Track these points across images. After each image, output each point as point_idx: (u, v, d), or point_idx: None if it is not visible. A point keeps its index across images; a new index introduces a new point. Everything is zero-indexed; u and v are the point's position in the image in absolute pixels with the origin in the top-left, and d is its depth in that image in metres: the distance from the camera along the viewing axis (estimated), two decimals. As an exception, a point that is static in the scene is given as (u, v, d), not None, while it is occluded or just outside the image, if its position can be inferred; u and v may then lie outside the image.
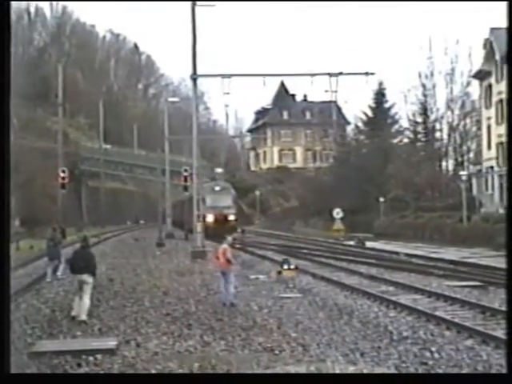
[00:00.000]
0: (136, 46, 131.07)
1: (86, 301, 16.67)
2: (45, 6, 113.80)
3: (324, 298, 20.05)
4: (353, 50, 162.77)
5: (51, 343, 13.70)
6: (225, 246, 19.39)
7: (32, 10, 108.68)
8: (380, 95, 76.70)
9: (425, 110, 67.77)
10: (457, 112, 66.78)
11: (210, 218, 51.46)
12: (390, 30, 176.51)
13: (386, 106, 77.35)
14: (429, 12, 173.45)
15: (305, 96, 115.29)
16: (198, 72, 36.18)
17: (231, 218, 55.11)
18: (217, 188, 56.48)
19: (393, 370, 11.55)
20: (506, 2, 6.88)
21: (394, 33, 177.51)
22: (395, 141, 75.69)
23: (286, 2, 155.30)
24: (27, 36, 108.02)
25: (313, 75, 35.37)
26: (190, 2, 35.57)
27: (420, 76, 66.20)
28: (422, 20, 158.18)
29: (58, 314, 17.44)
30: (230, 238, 20.30)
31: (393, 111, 76.76)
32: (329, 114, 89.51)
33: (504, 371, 8.02)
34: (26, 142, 69.80)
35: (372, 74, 35.13)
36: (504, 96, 57.78)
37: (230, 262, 19.20)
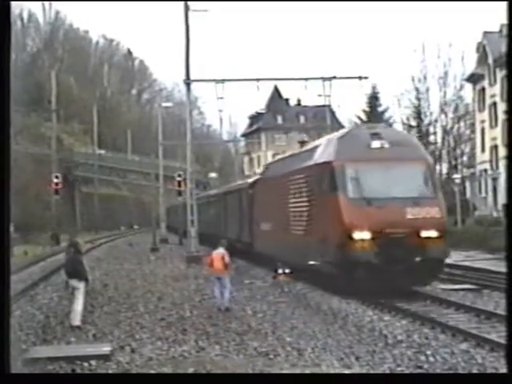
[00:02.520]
0: (129, 52, 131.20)
1: (77, 306, 16.58)
2: (38, 11, 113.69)
3: (319, 303, 19.99)
4: (346, 54, 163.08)
5: (45, 349, 13.66)
6: (221, 250, 19.27)
7: (25, 15, 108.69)
8: (374, 99, 76.81)
9: (418, 114, 67.89)
10: (450, 115, 67.04)
11: (362, 235, 19.85)
12: (383, 34, 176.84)
13: (380, 109, 77.44)
14: (421, 15, 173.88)
15: (298, 100, 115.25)
16: (192, 77, 36.20)
17: (431, 232, 20.16)
18: (376, 143, 21.14)
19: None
20: (506, 2, 6.88)
21: (387, 37, 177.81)
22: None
23: (278, 7, 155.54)
24: (20, 42, 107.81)
25: (306, 79, 35.40)
26: (183, 8, 35.60)
27: (413, 80, 66.38)
28: (415, 24, 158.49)
29: (52, 320, 17.39)
30: (224, 241, 20.16)
31: (387, 115, 76.86)
32: (323, 118, 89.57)
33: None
34: (19, 147, 69.71)
35: (365, 78, 35.17)
36: (497, 99, 57.93)
37: (228, 267, 19.14)
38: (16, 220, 58.89)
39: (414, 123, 68.82)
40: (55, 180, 55.26)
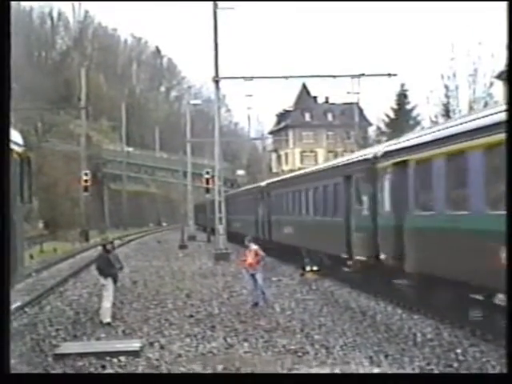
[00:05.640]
0: (158, 50, 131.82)
1: (104, 303, 16.69)
2: (67, 10, 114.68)
3: (347, 300, 19.93)
4: (375, 52, 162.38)
5: (75, 345, 13.75)
6: (253, 245, 19.52)
7: (55, 14, 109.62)
8: (402, 96, 76.15)
9: (447, 112, 67.24)
10: (480, 113, 66.35)
11: None
12: (413, 32, 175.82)
13: (408, 107, 76.83)
14: (452, 13, 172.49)
15: (326, 98, 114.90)
16: (220, 74, 36.21)
17: None
18: None
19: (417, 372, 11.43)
20: (506, 2, 6.82)
21: (416, 34, 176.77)
22: (418, 142, 75.16)
23: (307, 4, 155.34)
24: (50, 40, 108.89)
25: (335, 77, 35.32)
26: (211, 5, 35.61)
27: (442, 77, 65.78)
28: (445, 21, 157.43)
29: (81, 316, 17.52)
30: (250, 237, 20.28)
31: (415, 112, 76.21)
32: (351, 115, 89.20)
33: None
34: (49, 145, 70.41)
35: (394, 75, 35.09)
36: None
37: (259, 262, 19.29)
38: (45, 217, 59.61)
39: (442, 121, 68.22)
40: (84, 177, 55.66)
